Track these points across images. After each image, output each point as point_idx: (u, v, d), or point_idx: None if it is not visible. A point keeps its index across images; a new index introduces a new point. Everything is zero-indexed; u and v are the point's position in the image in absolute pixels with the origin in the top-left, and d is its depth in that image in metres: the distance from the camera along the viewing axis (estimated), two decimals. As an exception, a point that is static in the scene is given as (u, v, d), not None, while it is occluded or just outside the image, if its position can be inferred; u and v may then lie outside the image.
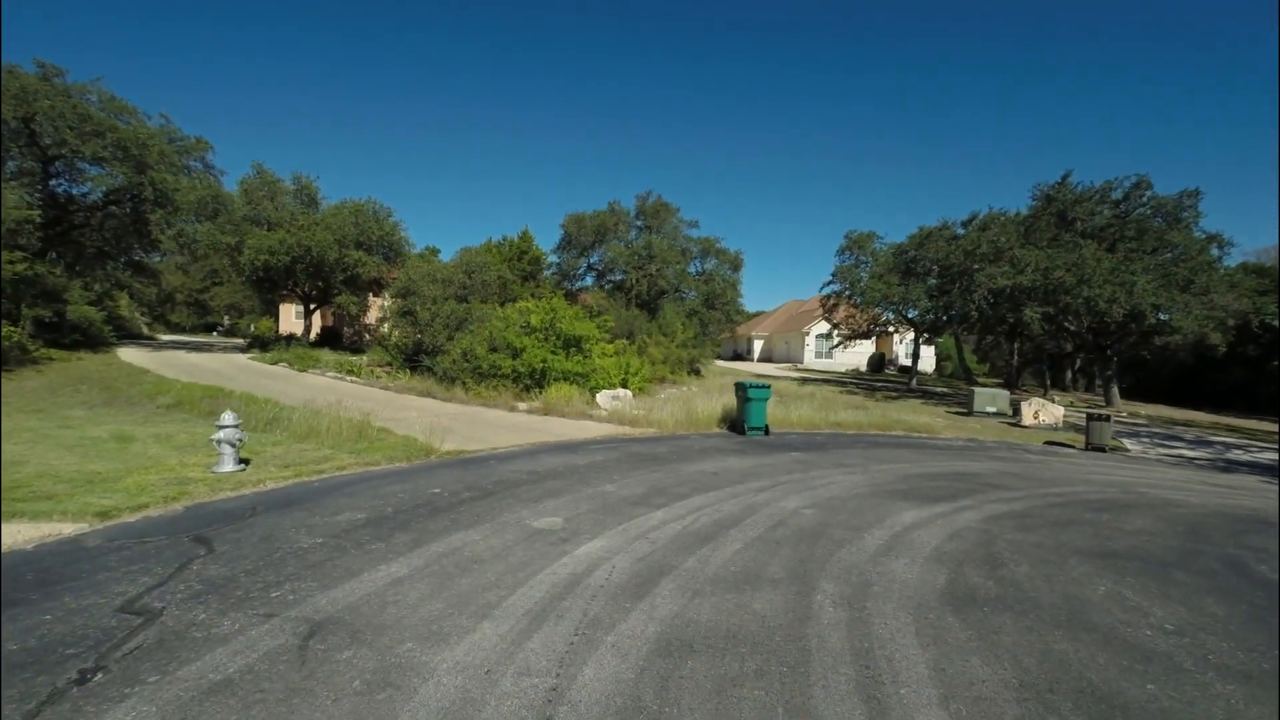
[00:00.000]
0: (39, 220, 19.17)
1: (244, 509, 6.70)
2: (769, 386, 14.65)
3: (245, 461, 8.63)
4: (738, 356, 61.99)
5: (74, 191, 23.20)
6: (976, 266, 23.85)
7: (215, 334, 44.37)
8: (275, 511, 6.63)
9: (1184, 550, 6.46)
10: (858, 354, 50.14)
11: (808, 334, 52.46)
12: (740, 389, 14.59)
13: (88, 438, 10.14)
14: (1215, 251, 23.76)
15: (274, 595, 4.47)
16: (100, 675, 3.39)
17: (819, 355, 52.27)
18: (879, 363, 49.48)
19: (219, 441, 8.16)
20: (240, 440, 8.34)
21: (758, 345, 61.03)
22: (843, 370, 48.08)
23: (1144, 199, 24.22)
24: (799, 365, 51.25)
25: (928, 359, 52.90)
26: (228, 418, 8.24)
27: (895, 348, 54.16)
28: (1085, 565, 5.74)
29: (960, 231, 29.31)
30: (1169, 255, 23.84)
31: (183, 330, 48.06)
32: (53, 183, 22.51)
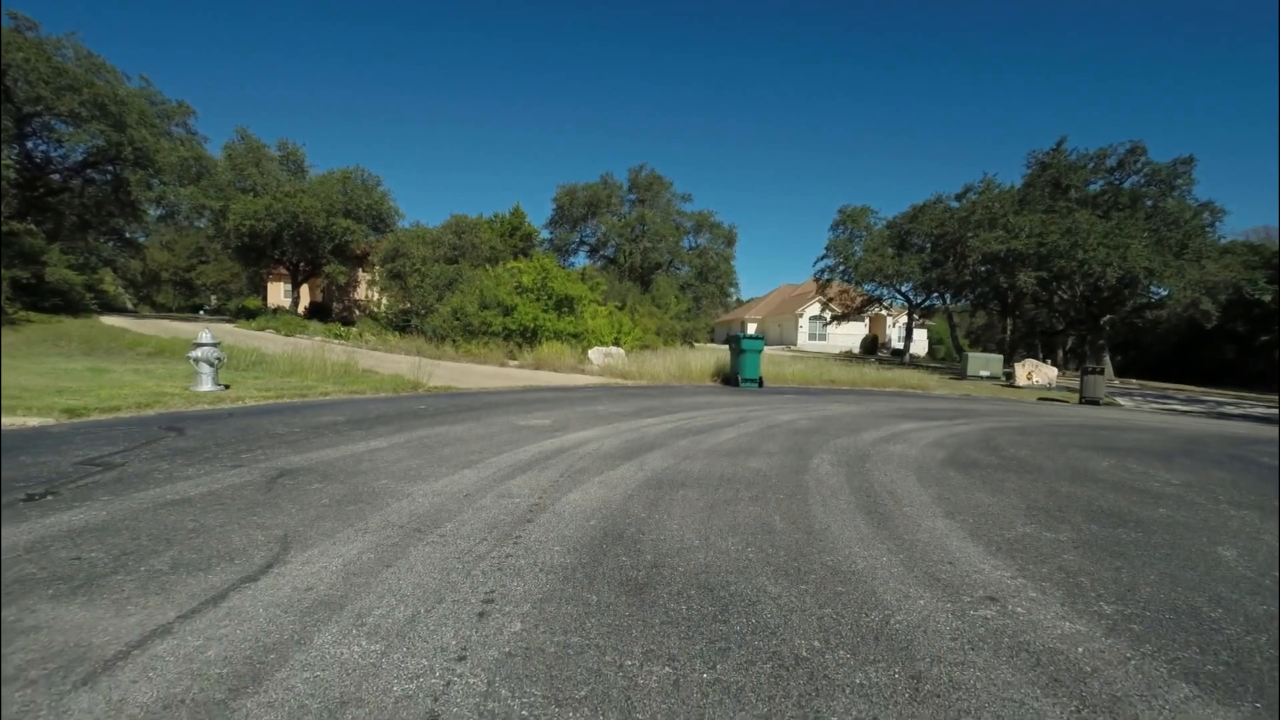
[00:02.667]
0: (14, 178, 18.57)
1: (221, 415, 6.45)
2: (762, 338, 14.49)
3: (225, 387, 8.34)
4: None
5: (52, 154, 22.60)
6: (970, 234, 23.74)
7: (201, 314, 43.68)
8: (253, 416, 6.38)
9: (1184, 449, 6.34)
10: (850, 336, 50.18)
11: (801, 316, 52.41)
12: (733, 341, 14.42)
13: (61, 368, 9.82)
14: (1207, 218, 23.77)
15: (244, 457, 4.24)
16: (50, 496, 3.16)
17: (812, 337, 52.23)
18: (872, 345, 49.52)
19: (196, 360, 7.86)
20: (219, 360, 8.06)
21: (751, 329, 60.87)
22: (835, 352, 48.07)
23: (1138, 165, 24.18)
24: (792, 347, 51.20)
25: (920, 343, 53.03)
26: (205, 335, 7.95)
27: (888, 331, 54.23)
28: (1086, 453, 5.60)
29: (954, 205, 29.20)
30: (1161, 224, 23.81)
31: (168, 311, 47.27)
32: (29, 144, 21.90)
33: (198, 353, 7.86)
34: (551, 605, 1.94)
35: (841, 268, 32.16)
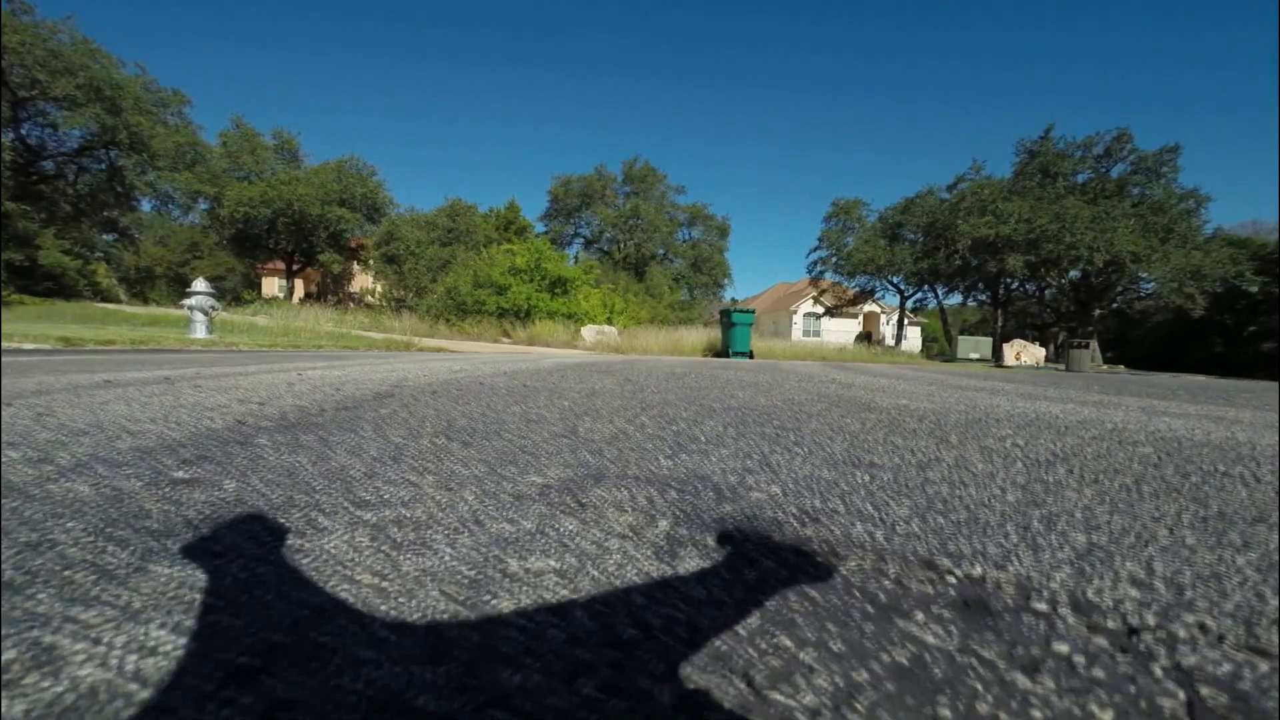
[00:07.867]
0: (9, 160, 18.56)
1: (219, 352, 6.52)
2: (753, 311, 14.64)
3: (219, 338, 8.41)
4: (726, 338, 61.96)
5: (46, 140, 22.55)
6: (960, 220, 24.04)
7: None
8: (253, 353, 6.47)
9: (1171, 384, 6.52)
10: (844, 334, 50.51)
11: (795, 312, 52.71)
12: (724, 315, 14.58)
13: (57, 327, 9.86)
14: (1191, 205, 24.11)
15: (253, 353, 4.34)
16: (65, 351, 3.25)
17: (806, 334, 52.54)
18: (865, 340, 49.92)
19: (190, 308, 7.94)
20: (214, 309, 8.13)
21: (746, 326, 61.11)
22: (829, 349, 48.34)
23: (1125, 152, 24.55)
24: (785, 342, 51.52)
25: (914, 340, 53.43)
26: (200, 284, 8.03)
27: (882, 328, 54.64)
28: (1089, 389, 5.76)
29: (945, 196, 29.54)
30: (1147, 210, 24.16)
31: (160, 306, 47.03)
32: (23, 129, 21.87)
33: (192, 300, 7.93)
34: (540, 372, 2.06)
35: (834, 259, 32.42)
